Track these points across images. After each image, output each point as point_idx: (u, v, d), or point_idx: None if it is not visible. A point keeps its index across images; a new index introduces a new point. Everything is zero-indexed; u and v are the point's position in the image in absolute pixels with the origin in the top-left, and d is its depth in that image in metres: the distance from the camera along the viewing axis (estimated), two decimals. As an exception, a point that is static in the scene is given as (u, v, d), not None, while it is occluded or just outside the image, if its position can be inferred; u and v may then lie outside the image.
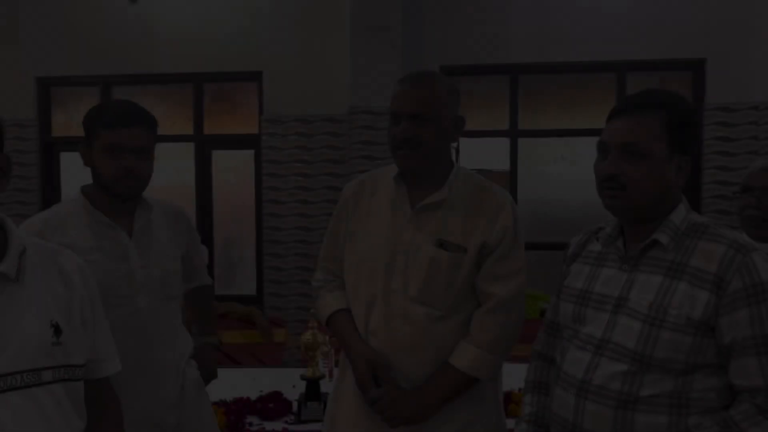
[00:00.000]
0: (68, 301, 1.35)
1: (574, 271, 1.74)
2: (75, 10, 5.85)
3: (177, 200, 2.20)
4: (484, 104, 5.58)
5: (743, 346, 1.44)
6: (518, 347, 4.04)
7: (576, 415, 1.57)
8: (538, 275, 5.58)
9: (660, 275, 1.52)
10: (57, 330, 1.30)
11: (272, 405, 2.72)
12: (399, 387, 1.88)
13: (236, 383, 2.95)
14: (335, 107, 5.31)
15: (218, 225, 5.91)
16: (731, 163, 5.08)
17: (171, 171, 5.67)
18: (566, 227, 5.48)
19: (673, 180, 1.53)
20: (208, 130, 5.81)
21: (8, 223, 1.30)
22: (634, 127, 1.53)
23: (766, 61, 5.04)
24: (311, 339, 2.74)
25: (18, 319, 1.25)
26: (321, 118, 5.44)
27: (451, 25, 5.38)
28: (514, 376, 2.49)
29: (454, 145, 5.79)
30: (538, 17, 5.34)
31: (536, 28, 5.34)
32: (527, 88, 5.50)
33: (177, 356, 2.13)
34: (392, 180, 1.95)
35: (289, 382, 2.93)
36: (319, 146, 5.49)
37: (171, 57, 5.73)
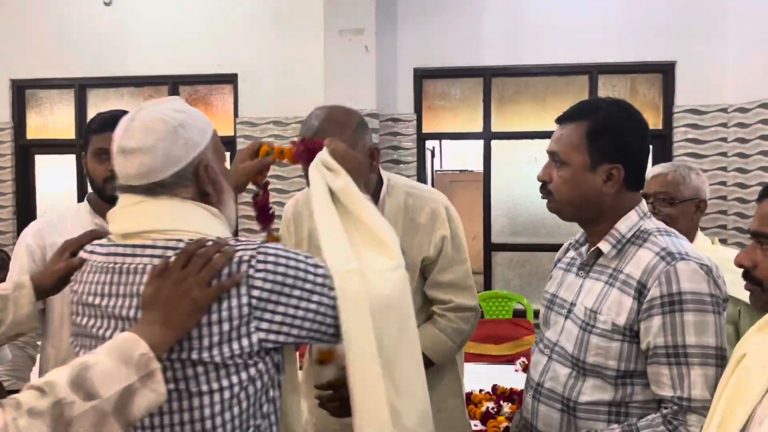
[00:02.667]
0: None
1: (553, 276, 1.83)
2: (50, 12, 5.84)
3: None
4: (457, 107, 5.63)
5: (656, 354, 1.47)
6: (486, 347, 4.08)
7: (532, 416, 1.66)
8: (510, 276, 5.66)
9: (602, 282, 1.59)
10: None
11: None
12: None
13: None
14: (310, 110, 5.28)
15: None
16: (701, 165, 5.15)
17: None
18: (539, 229, 5.56)
19: (600, 187, 1.57)
20: (184, 133, 5.81)
21: None
22: (558, 138, 1.62)
23: (735, 64, 5.12)
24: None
25: None
26: (296, 121, 5.46)
27: (425, 27, 5.43)
28: (474, 376, 2.53)
29: (431, 147, 5.89)
30: (511, 21, 5.39)
31: (509, 31, 5.39)
32: (501, 91, 5.55)
33: None
34: None
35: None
36: (294, 148, 5.50)
37: (146, 60, 5.73)
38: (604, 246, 1.60)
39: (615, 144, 1.57)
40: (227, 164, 1.42)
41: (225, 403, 1.19)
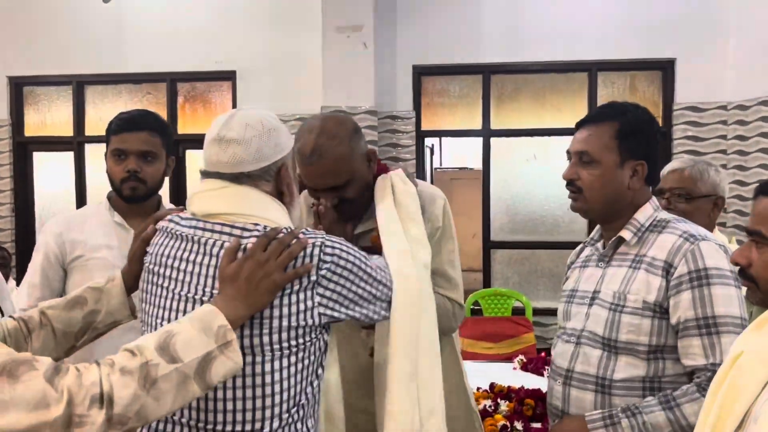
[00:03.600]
0: None
1: (570, 276, 1.92)
2: (48, 9, 5.82)
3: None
4: (456, 104, 5.62)
5: (687, 327, 1.59)
6: (485, 345, 4.09)
7: (563, 402, 1.75)
8: (509, 274, 5.66)
9: (625, 267, 1.71)
10: None
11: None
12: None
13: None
14: (308, 107, 5.31)
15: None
16: (700, 161, 5.15)
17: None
18: (538, 227, 5.55)
19: (627, 183, 1.71)
20: (182, 130, 5.80)
21: None
22: (588, 138, 1.73)
23: (735, 61, 5.12)
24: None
25: None
26: (293, 118, 5.45)
27: (424, 25, 5.41)
28: (472, 374, 2.52)
29: (430, 145, 5.88)
30: (510, 18, 5.38)
31: (508, 28, 5.38)
32: (500, 88, 5.54)
33: None
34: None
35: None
36: (293, 146, 5.50)
37: (144, 57, 5.72)
38: (626, 234, 1.72)
39: (642, 143, 1.72)
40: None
41: (283, 383, 1.35)
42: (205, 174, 1.45)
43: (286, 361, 1.34)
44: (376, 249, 1.84)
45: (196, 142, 5.84)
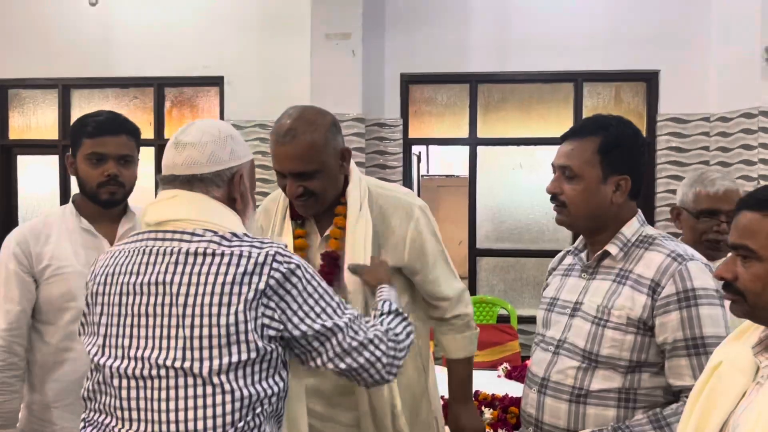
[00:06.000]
0: None
1: (551, 283, 1.92)
2: (34, 11, 5.79)
3: (137, 203, 2.22)
4: (444, 112, 5.64)
5: (675, 347, 1.59)
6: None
7: (538, 410, 1.75)
8: (495, 282, 5.68)
9: (609, 281, 1.71)
10: None
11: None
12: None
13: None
14: (296, 113, 5.30)
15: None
16: (684, 172, 5.20)
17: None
18: (523, 235, 5.59)
19: (610, 198, 1.71)
20: (169, 135, 5.78)
21: None
22: (571, 152, 1.73)
23: (717, 73, 5.18)
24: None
25: None
26: (282, 124, 5.46)
27: (412, 33, 5.44)
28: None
29: (417, 152, 5.92)
30: (497, 28, 5.42)
31: (496, 38, 5.42)
32: (486, 97, 5.57)
33: None
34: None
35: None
36: (280, 152, 5.50)
37: (131, 61, 5.71)
38: (612, 248, 1.72)
39: (624, 158, 1.72)
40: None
41: (235, 393, 1.35)
42: (162, 180, 1.49)
43: (232, 374, 1.34)
44: (335, 255, 1.88)
45: (183, 147, 5.85)
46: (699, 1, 5.24)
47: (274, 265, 1.37)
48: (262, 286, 1.35)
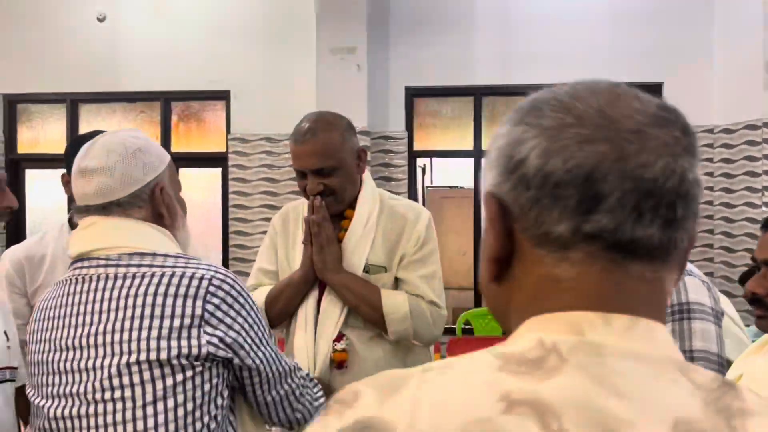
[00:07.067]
0: (6, 313, 1.58)
1: None
2: (43, 27, 5.86)
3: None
4: (448, 125, 5.68)
5: None
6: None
7: None
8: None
9: None
10: (6, 336, 1.51)
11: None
12: None
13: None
14: (302, 127, 5.34)
15: (185, 243, 5.90)
16: (687, 184, 5.22)
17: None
18: (529, 246, 5.60)
19: None
20: (176, 149, 5.83)
21: None
22: None
23: (721, 85, 5.21)
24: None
25: None
26: (287, 138, 5.47)
27: (416, 47, 5.49)
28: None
29: (422, 164, 5.95)
30: (501, 41, 5.46)
31: (500, 51, 5.47)
32: (491, 110, 5.61)
33: None
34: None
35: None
36: (285, 165, 5.54)
37: (138, 75, 5.76)
38: None
39: None
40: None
41: (168, 413, 1.23)
42: (77, 210, 1.36)
43: (170, 380, 1.23)
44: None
45: (190, 160, 5.92)
46: (702, 13, 5.28)
47: (211, 288, 1.26)
48: (198, 311, 1.24)
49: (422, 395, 0.56)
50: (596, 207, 0.59)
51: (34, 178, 6.09)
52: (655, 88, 5.37)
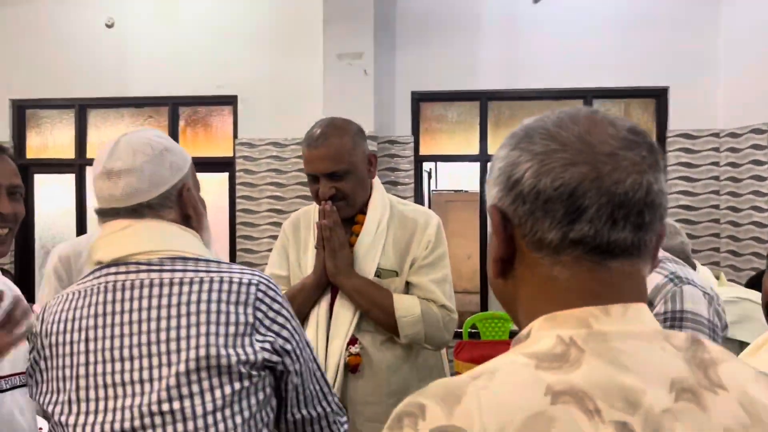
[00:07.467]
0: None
1: None
2: (51, 33, 5.91)
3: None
4: (454, 129, 5.70)
5: None
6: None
7: None
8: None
9: None
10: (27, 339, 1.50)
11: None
12: None
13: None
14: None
15: (192, 247, 5.93)
16: (694, 188, 5.23)
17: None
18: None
19: None
20: (183, 153, 5.86)
21: None
22: None
23: (726, 90, 5.21)
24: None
25: None
26: (294, 142, 5.53)
27: (422, 52, 5.51)
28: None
29: (428, 168, 5.97)
30: (507, 46, 5.48)
31: (505, 56, 5.48)
32: (496, 114, 5.62)
33: None
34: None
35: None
36: (292, 169, 5.57)
37: (146, 81, 5.80)
38: None
39: None
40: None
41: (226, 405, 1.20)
42: (101, 213, 1.31)
43: (228, 410, 1.20)
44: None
45: (197, 165, 5.88)
46: (707, 17, 5.28)
47: (259, 294, 1.24)
48: (251, 318, 1.22)
49: (483, 401, 0.68)
50: (579, 218, 0.74)
51: (42, 183, 6.13)
52: (661, 93, 5.38)
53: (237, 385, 1.19)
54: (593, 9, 5.40)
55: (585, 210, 0.74)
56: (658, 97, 5.40)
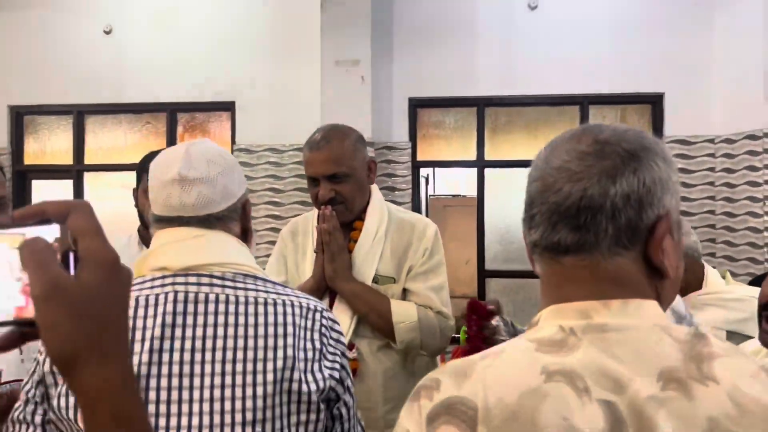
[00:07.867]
0: None
1: None
2: (49, 39, 5.93)
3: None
4: (451, 135, 5.72)
5: None
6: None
7: None
8: (504, 303, 5.69)
9: None
10: (20, 349, 1.56)
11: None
12: None
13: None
14: (305, 138, 5.34)
15: (190, 253, 5.93)
16: (690, 193, 5.25)
17: (143, 199, 5.71)
18: (531, 255, 5.62)
19: None
20: (181, 159, 5.87)
21: None
22: None
23: (722, 96, 5.24)
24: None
25: None
26: (292, 148, 5.54)
27: (420, 59, 5.53)
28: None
29: (425, 174, 5.99)
30: (504, 52, 5.51)
31: (502, 62, 5.51)
32: (494, 120, 5.65)
33: None
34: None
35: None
36: (289, 175, 5.58)
37: (144, 87, 5.82)
38: None
39: None
40: None
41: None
42: (164, 219, 1.27)
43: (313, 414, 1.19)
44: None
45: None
46: (702, 23, 5.32)
47: (324, 321, 1.26)
48: (318, 344, 1.22)
49: (488, 377, 0.80)
50: (532, 224, 0.90)
51: (40, 188, 6.13)
52: (656, 99, 5.41)
53: (313, 416, 1.18)
54: (589, 16, 5.43)
55: (534, 217, 0.90)
56: (654, 103, 5.43)
